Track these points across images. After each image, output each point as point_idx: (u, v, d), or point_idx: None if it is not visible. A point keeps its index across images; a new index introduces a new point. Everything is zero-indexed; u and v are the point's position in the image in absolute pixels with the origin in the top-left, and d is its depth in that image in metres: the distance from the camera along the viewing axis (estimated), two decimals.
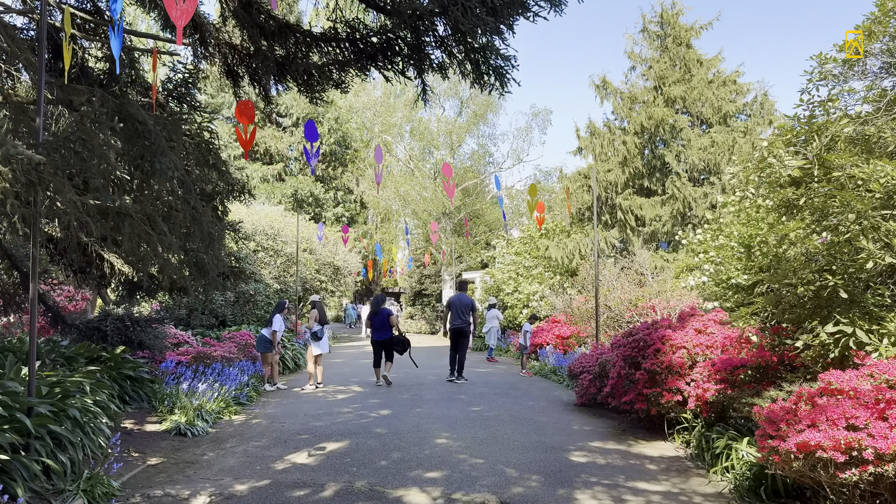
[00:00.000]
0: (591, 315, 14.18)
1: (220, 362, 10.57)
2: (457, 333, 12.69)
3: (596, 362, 9.39)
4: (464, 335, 12.66)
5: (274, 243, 22.54)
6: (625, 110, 20.76)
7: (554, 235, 21.77)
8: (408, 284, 36.85)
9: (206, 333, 13.52)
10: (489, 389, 11.44)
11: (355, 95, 33.43)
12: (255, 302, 15.23)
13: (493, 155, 30.16)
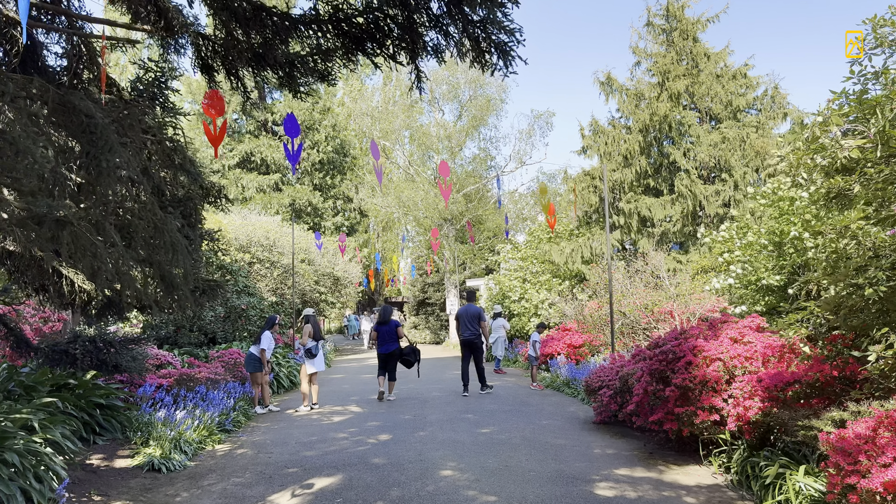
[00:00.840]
0: (605, 322, 13.31)
1: (204, 385, 9.71)
2: (466, 345, 12.18)
3: (616, 376, 8.50)
4: (474, 347, 12.15)
5: (270, 255, 21.72)
6: (630, 107, 19.94)
7: (559, 240, 20.91)
8: (411, 294, 35.98)
9: (194, 352, 12.68)
10: (499, 406, 10.55)
11: (353, 101, 32.71)
12: (248, 317, 14.38)
13: (494, 159, 29.33)
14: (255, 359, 10.58)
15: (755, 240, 9.62)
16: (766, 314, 9.22)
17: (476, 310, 12.29)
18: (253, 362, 10.60)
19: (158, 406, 8.33)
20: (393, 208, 27.54)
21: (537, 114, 27.35)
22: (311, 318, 11.25)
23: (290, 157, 7.93)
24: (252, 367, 10.63)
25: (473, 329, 12.15)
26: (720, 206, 19.01)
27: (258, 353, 10.56)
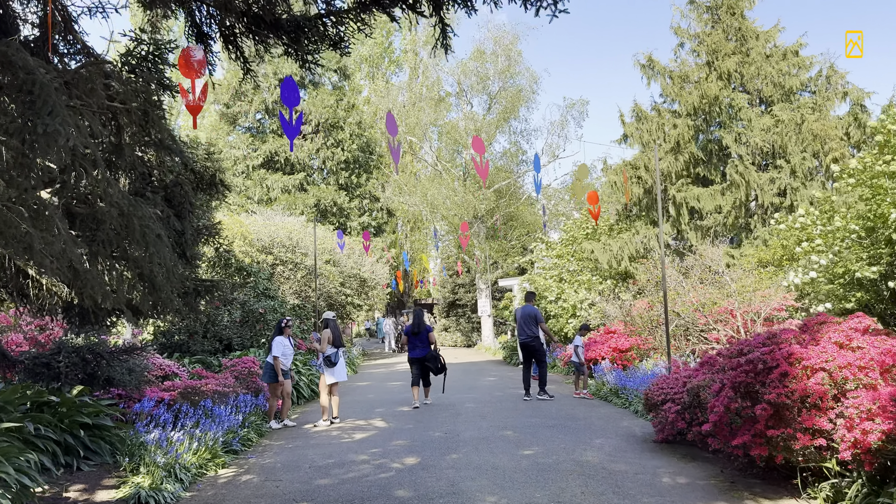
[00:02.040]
0: (656, 323, 11.98)
1: (211, 398, 8.67)
2: (523, 349, 11.74)
3: (683, 388, 7.22)
4: (532, 350, 11.57)
5: (293, 256, 20.80)
6: (675, 90, 18.50)
7: (600, 235, 19.55)
8: (441, 295, 34.87)
9: (206, 361, 11.70)
10: (541, 420, 9.32)
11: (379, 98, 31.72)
12: (266, 322, 13.38)
13: (526, 153, 28.04)
14: (271, 368, 9.52)
15: (843, 225, 8.24)
16: (866, 309, 7.84)
17: (532, 310, 11.57)
18: (269, 372, 9.54)
19: (156, 425, 7.30)
20: (420, 206, 26.43)
21: (570, 103, 26.05)
22: (330, 322, 10.16)
23: (288, 129, 6.84)
24: (268, 377, 9.58)
25: (530, 331, 11.52)
26: (775, 195, 17.46)
27: (272, 361, 9.52)
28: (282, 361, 9.48)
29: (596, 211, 11.55)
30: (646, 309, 12.34)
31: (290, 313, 15.94)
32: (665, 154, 17.82)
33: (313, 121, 29.88)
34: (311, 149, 29.91)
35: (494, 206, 26.50)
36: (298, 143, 29.87)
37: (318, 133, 30.44)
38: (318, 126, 30.23)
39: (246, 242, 19.30)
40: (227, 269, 15.65)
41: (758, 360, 5.61)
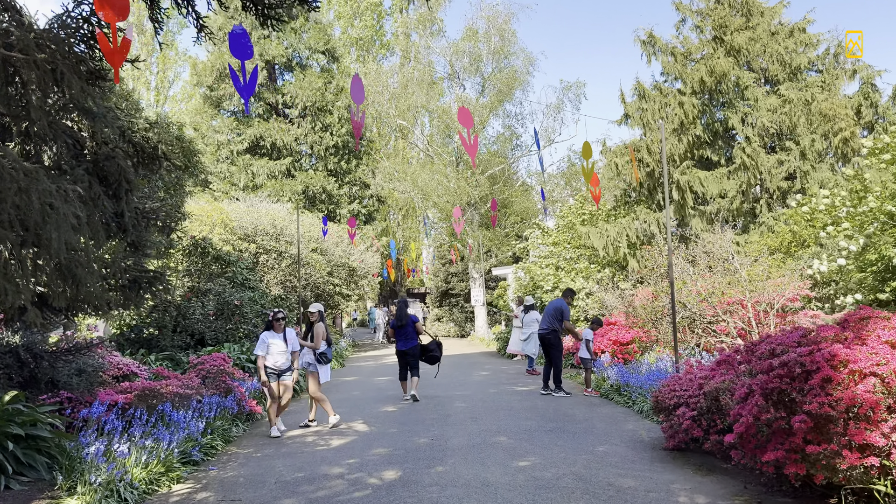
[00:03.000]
0: (662, 314, 11.15)
1: (171, 401, 7.80)
2: (540, 340, 11.22)
3: (699, 391, 6.38)
4: (547, 343, 10.93)
5: (277, 244, 19.88)
6: (678, 68, 17.59)
7: (597, 221, 18.69)
8: (433, 284, 34.03)
9: (176, 357, 10.83)
10: (537, 422, 8.49)
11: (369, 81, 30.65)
12: (243, 315, 12.48)
13: (520, 137, 27.10)
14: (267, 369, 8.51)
15: (878, 206, 7.38)
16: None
17: (561, 305, 10.98)
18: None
19: (101, 434, 6.43)
20: (411, 193, 25.50)
21: (566, 85, 25.06)
22: (322, 315, 9.24)
23: (241, 88, 5.93)
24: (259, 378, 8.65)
25: (549, 324, 10.93)
26: (783, 178, 16.64)
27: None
28: (267, 360, 8.45)
29: (597, 192, 10.68)
30: (649, 299, 11.50)
31: (271, 304, 15.05)
32: (668, 135, 16.95)
33: (300, 104, 28.84)
34: (299, 133, 28.88)
35: (488, 192, 25.58)
36: (284, 127, 28.83)
37: (305, 117, 29.40)
38: (305, 109, 29.19)
39: (227, 230, 18.37)
40: (204, 259, 14.76)
41: (794, 363, 4.76)
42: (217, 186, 28.19)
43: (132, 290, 5.66)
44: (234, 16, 28.77)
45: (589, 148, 9.88)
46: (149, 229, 6.15)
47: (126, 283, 5.51)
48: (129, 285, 5.58)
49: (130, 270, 5.54)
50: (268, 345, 8.39)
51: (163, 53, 48.48)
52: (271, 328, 8.48)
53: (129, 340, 11.47)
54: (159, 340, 11.19)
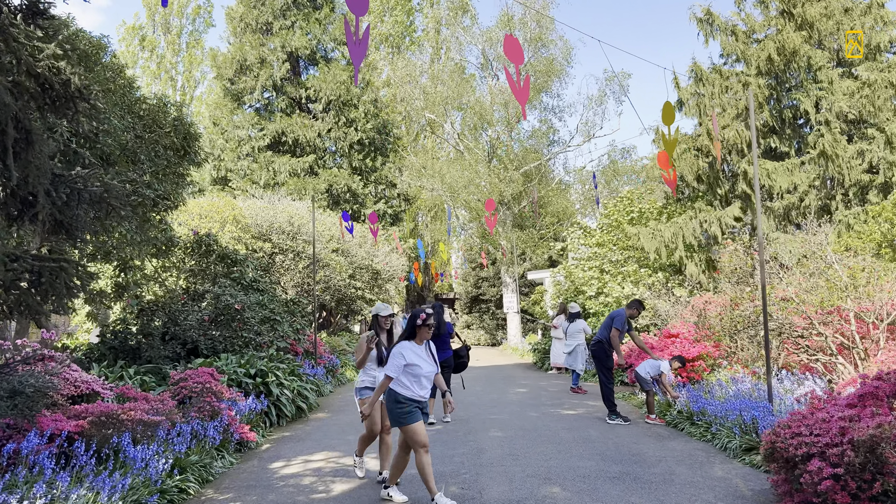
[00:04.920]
0: (744, 325, 9.20)
1: (130, 431, 6.16)
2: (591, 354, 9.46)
3: (842, 438, 4.51)
4: (595, 357, 9.24)
5: (294, 243, 18.33)
6: (740, 47, 15.59)
7: (647, 220, 16.74)
8: (463, 289, 32.28)
9: (163, 370, 9.23)
10: (598, 464, 6.65)
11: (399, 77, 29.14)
12: (244, 320, 10.86)
13: (558, 131, 25.23)
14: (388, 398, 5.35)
15: None
16: None
17: (616, 313, 9.18)
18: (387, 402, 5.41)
19: (11, 484, 4.82)
20: (440, 190, 23.79)
21: (610, 75, 23.14)
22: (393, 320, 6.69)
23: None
24: (390, 413, 5.39)
25: (601, 334, 9.25)
26: (864, 170, 14.53)
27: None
28: (403, 387, 5.24)
29: (671, 176, 8.80)
30: (728, 307, 9.55)
31: (281, 309, 13.44)
32: (731, 121, 14.96)
33: (324, 98, 27.37)
34: (322, 128, 27.40)
35: (522, 190, 23.75)
36: (307, 123, 27.37)
37: (328, 111, 27.92)
38: (329, 104, 27.71)
39: (239, 227, 16.86)
40: (208, 257, 13.23)
41: None
42: (237, 184, 26.85)
43: (38, 287, 4.04)
44: (256, 5, 27.49)
45: (671, 110, 7.93)
46: (82, 207, 4.52)
47: (19, 276, 3.90)
48: (34, 281, 3.96)
49: (21, 261, 3.90)
50: (406, 364, 5.23)
51: (189, 52, 47.76)
52: (413, 335, 5.33)
53: (112, 349, 9.93)
54: (143, 351, 9.62)
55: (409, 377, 5.23)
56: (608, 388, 8.89)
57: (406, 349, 5.25)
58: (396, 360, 5.21)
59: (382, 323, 6.34)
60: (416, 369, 5.22)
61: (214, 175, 28.33)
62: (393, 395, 5.25)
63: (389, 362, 5.25)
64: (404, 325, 20.50)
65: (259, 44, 27.39)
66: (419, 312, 5.33)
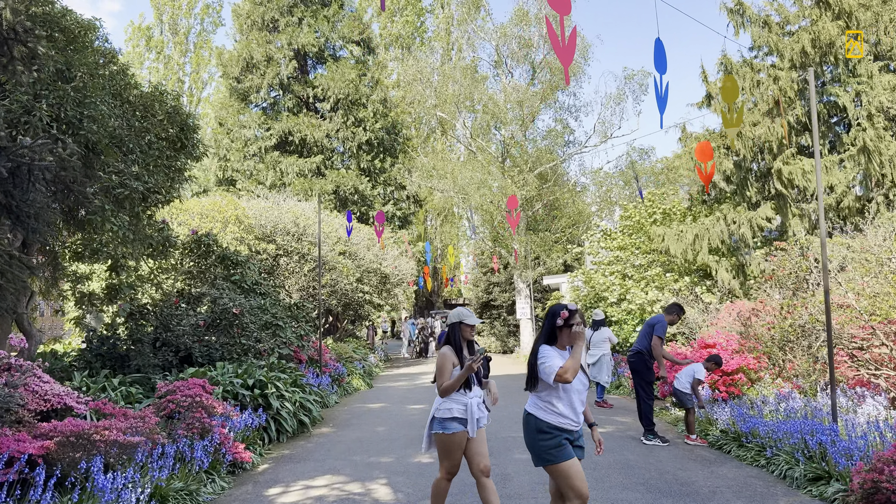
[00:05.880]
0: (797, 335, 8.29)
1: (103, 454, 5.33)
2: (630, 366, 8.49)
3: None
4: (632, 370, 8.37)
5: (299, 245, 17.52)
6: (772, 39, 14.69)
7: (671, 221, 15.84)
8: (473, 295, 31.39)
9: (152, 381, 8.41)
10: (641, 496, 5.76)
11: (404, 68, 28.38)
12: (243, 326, 10.03)
13: (574, 132, 24.33)
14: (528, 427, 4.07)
15: None
16: None
17: (654, 319, 8.29)
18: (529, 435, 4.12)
19: None
20: (451, 192, 22.94)
21: (629, 73, 22.24)
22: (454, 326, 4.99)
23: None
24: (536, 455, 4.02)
25: (639, 343, 8.35)
26: None
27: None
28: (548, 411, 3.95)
29: (708, 171, 7.93)
30: (778, 316, 8.63)
31: (284, 314, 12.61)
32: (762, 117, 14.07)
33: (332, 97, 26.61)
34: (330, 128, 26.63)
35: (537, 193, 22.88)
36: (315, 123, 26.60)
37: (336, 111, 27.16)
38: (337, 103, 26.96)
39: (242, 228, 16.07)
40: (207, 258, 12.44)
41: None
42: (243, 185, 26.12)
43: None
44: (263, 2, 26.81)
45: (734, 85, 6.95)
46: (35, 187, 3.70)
47: None
48: None
49: None
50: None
51: (196, 53, 47.24)
52: (553, 338, 4.03)
53: (99, 356, 9.11)
54: (132, 358, 8.79)
55: (557, 395, 3.87)
56: (647, 405, 8.00)
57: (553, 356, 3.88)
58: (550, 361, 3.81)
59: (467, 334, 4.87)
60: (566, 384, 3.86)
61: (220, 176, 27.63)
62: (533, 421, 3.91)
63: (543, 367, 3.81)
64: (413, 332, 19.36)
65: (266, 41, 26.70)
66: (559, 309, 4.02)
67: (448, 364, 4.64)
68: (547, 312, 4.10)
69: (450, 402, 4.63)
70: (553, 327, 4.01)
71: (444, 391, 4.59)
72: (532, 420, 3.94)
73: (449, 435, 4.56)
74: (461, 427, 4.56)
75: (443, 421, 4.60)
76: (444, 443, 4.59)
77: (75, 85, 8.23)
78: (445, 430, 4.58)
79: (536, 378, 3.91)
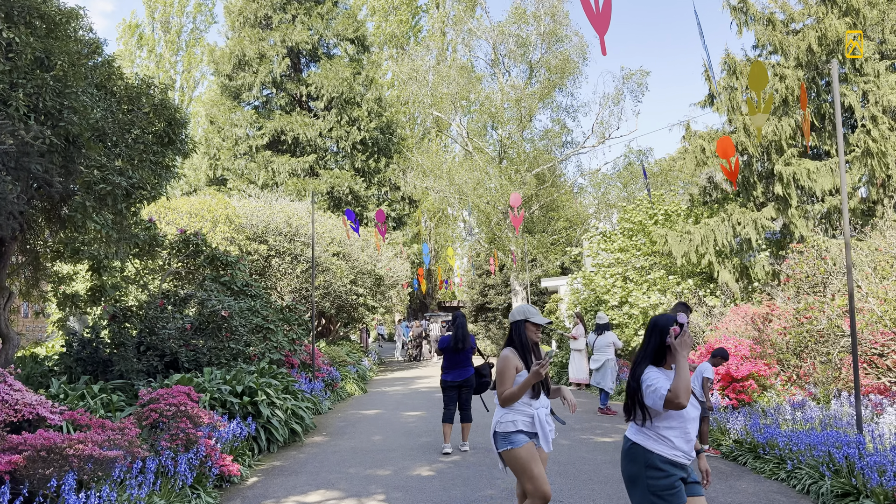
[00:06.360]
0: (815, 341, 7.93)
1: (76, 470, 4.90)
2: None
3: None
4: None
5: (292, 246, 17.07)
6: (777, 37, 14.38)
7: (673, 222, 15.50)
8: (468, 297, 31.01)
9: (136, 387, 7.96)
10: None
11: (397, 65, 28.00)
12: (233, 329, 9.58)
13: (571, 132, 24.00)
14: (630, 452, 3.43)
15: None
16: None
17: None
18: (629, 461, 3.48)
19: None
20: (447, 192, 22.54)
21: (628, 73, 21.91)
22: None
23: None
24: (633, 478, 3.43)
25: None
26: None
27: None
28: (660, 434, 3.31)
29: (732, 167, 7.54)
30: (795, 322, 8.27)
31: (276, 316, 12.16)
32: (768, 116, 13.72)
33: (326, 95, 26.16)
34: (323, 127, 26.18)
35: (534, 193, 22.52)
36: (308, 121, 26.14)
37: (330, 109, 26.72)
38: (331, 101, 26.51)
39: (232, 228, 15.61)
40: (196, 258, 11.98)
41: None
42: (234, 184, 25.63)
43: None
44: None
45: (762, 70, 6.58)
46: None
47: None
48: None
49: None
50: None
51: (188, 52, 46.70)
52: (661, 358, 3.34)
53: (80, 361, 8.65)
54: (114, 363, 8.33)
55: (669, 424, 3.22)
56: None
57: (661, 378, 3.23)
58: (658, 384, 3.17)
59: (533, 334, 4.28)
60: (680, 410, 3.19)
61: (211, 175, 27.13)
62: (641, 454, 3.23)
63: (650, 392, 3.17)
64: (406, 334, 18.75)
65: (258, 38, 26.23)
66: (668, 323, 3.29)
67: (510, 368, 4.08)
68: (650, 327, 3.39)
69: (512, 413, 4.07)
70: (662, 345, 3.28)
71: (505, 399, 4.04)
72: (639, 452, 3.24)
73: (518, 449, 3.99)
74: (530, 439, 4.05)
75: (507, 435, 4.06)
76: (517, 458, 4.00)
77: (55, 74, 7.80)
78: (513, 444, 4.01)
79: (642, 406, 3.25)
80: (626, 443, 3.35)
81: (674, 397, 3.06)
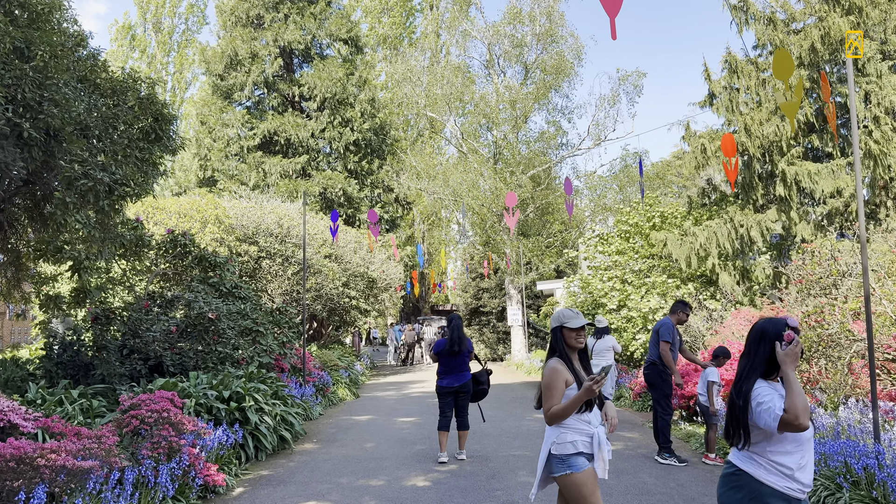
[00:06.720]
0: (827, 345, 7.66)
1: (48, 482, 4.55)
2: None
3: None
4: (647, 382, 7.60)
5: (283, 247, 16.72)
6: (778, 37, 14.17)
7: (672, 225, 15.25)
8: (462, 300, 30.69)
9: (118, 392, 7.61)
10: None
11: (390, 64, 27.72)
12: (220, 332, 9.24)
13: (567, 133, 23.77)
14: None
15: None
16: None
17: (659, 324, 7.52)
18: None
19: None
20: (441, 193, 22.24)
21: (624, 74, 21.70)
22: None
23: None
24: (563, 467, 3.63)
25: (650, 354, 7.59)
26: None
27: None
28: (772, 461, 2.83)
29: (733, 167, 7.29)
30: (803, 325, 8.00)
31: (266, 319, 11.82)
32: (769, 116, 13.52)
33: (318, 96, 25.83)
34: (316, 128, 25.84)
35: (530, 196, 22.25)
36: (300, 122, 25.79)
37: (323, 110, 26.38)
38: (323, 102, 26.18)
39: (222, 228, 15.25)
40: (184, 259, 11.63)
41: None
42: (224, 185, 25.25)
43: None
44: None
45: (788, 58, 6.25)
46: None
47: None
48: None
49: None
50: None
51: (180, 53, 46.29)
52: (772, 369, 2.85)
53: (61, 365, 8.29)
54: (96, 367, 7.97)
55: (784, 449, 2.75)
56: (664, 421, 7.31)
57: (772, 394, 2.76)
58: (771, 402, 2.70)
59: (573, 340, 3.81)
60: (800, 433, 2.74)
61: (201, 176, 26.75)
62: (748, 483, 2.78)
63: (761, 411, 2.70)
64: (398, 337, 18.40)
65: (251, 38, 25.90)
66: (779, 328, 2.81)
67: (560, 381, 3.58)
68: (755, 333, 2.88)
69: (571, 432, 3.55)
70: (772, 355, 2.79)
71: (552, 417, 3.55)
72: (747, 481, 2.78)
73: (580, 474, 3.49)
74: (589, 463, 3.55)
75: (565, 458, 3.53)
76: (578, 486, 3.48)
77: (35, 65, 7.46)
78: (573, 467, 3.50)
79: (747, 427, 2.79)
80: (730, 468, 2.89)
81: (792, 418, 2.60)
